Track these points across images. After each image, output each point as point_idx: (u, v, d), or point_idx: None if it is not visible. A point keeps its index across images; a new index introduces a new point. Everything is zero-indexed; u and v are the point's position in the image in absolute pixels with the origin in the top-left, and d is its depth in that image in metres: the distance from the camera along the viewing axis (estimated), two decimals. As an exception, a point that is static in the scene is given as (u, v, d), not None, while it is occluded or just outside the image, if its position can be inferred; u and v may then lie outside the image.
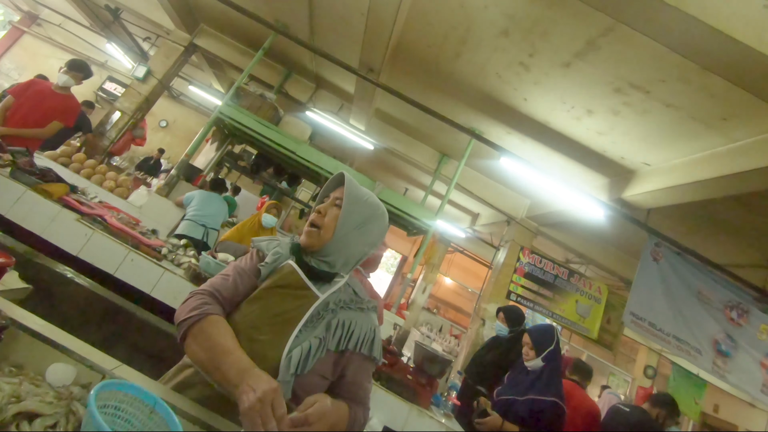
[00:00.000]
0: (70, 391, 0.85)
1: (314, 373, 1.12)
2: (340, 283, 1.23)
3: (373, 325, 1.24)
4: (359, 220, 1.25)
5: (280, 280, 1.20)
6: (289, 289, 1.19)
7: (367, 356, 1.21)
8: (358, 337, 1.18)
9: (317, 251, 1.23)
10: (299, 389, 1.09)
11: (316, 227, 1.23)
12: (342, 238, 1.22)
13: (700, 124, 3.36)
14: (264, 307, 1.16)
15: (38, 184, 2.36)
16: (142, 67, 6.38)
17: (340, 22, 4.60)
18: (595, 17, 2.84)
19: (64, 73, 3.77)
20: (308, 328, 1.15)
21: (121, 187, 3.63)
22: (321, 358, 1.12)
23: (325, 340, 1.14)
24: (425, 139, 6.40)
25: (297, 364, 1.07)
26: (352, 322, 1.19)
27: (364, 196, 1.28)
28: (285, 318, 1.14)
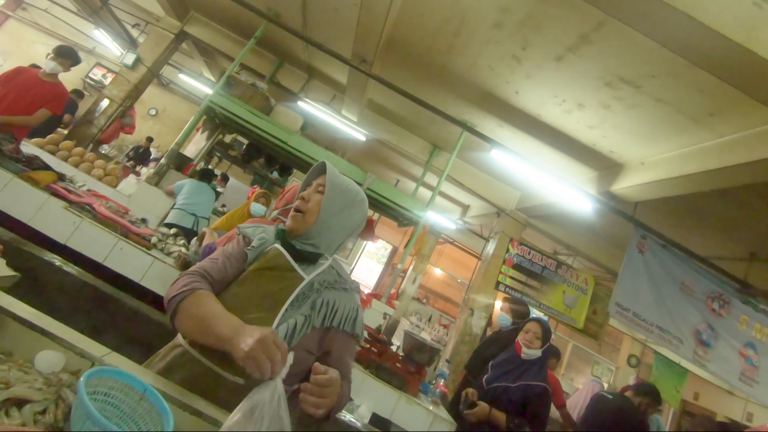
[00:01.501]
0: (60, 377, 0.86)
1: (300, 348, 1.17)
2: (324, 265, 1.30)
3: (355, 304, 1.31)
4: (341, 205, 1.31)
5: (268, 263, 1.26)
6: (276, 271, 1.25)
7: (350, 333, 1.28)
8: (342, 315, 1.25)
9: (302, 235, 1.30)
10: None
11: (300, 212, 1.30)
12: (325, 222, 1.29)
13: (688, 119, 3.41)
14: (252, 288, 1.22)
15: (25, 172, 2.33)
16: (131, 54, 6.27)
17: (333, 12, 4.55)
18: (587, 11, 2.85)
19: (51, 60, 3.70)
20: (294, 307, 1.21)
21: (110, 175, 3.59)
22: (306, 334, 1.19)
23: (311, 318, 1.20)
24: (417, 130, 6.40)
25: (283, 338, 1.11)
26: (336, 301, 1.26)
27: (345, 183, 1.35)
28: (273, 298, 1.20)
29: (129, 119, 6.95)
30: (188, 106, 11.15)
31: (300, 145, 4.28)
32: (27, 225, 2.20)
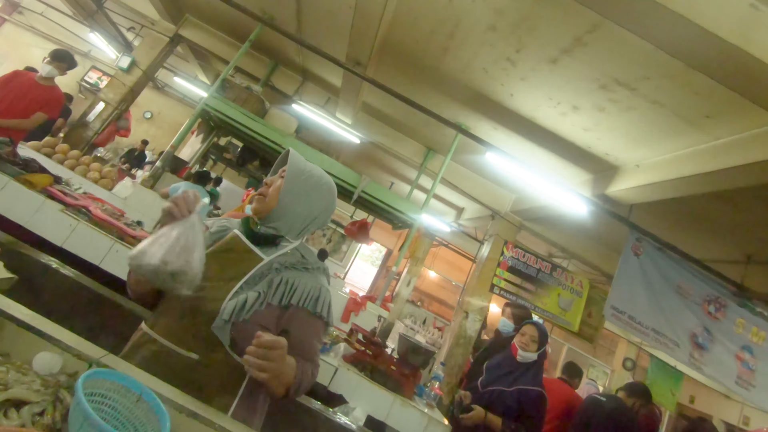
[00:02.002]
0: (57, 379, 0.86)
1: (254, 323, 1.18)
2: (287, 247, 1.32)
3: (319, 284, 1.31)
4: (302, 189, 1.34)
5: (224, 245, 1.31)
6: (232, 253, 1.29)
7: (312, 313, 1.27)
8: (302, 294, 1.25)
9: (264, 218, 1.33)
10: (239, 337, 1.17)
11: (262, 195, 1.33)
12: (285, 205, 1.32)
13: (683, 122, 3.43)
14: (207, 269, 1.22)
15: (21, 175, 2.33)
16: (126, 57, 6.27)
17: (327, 15, 4.57)
18: (582, 13, 2.87)
19: (47, 64, 3.71)
20: (250, 285, 1.22)
21: (106, 178, 3.57)
22: (261, 310, 1.19)
23: (266, 295, 1.21)
24: (412, 133, 6.41)
25: (231, 311, 1.15)
26: (296, 280, 1.27)
27: (309, 169, 1.39)
28: (228, 277, 1.23)
29: (124, 122, 6.94)
30: (183, 109, 11.13)
31: (294, 148, 4.27)
32: (24, 227, 2.20)
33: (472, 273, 6.76)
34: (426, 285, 12.30)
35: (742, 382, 4.21)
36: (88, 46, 9.82)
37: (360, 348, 2.66)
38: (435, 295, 12.44)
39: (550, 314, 5.86)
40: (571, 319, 5.91)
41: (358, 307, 3.61)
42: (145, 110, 10.96)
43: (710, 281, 4.39)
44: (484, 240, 6.80)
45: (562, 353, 9.71)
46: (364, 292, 11.33)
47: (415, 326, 6.75)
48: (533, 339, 2.66)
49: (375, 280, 12.78)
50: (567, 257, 7.42)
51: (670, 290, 4.22)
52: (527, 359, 2.64)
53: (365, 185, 4.25)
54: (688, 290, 4.28)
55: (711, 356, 4.22)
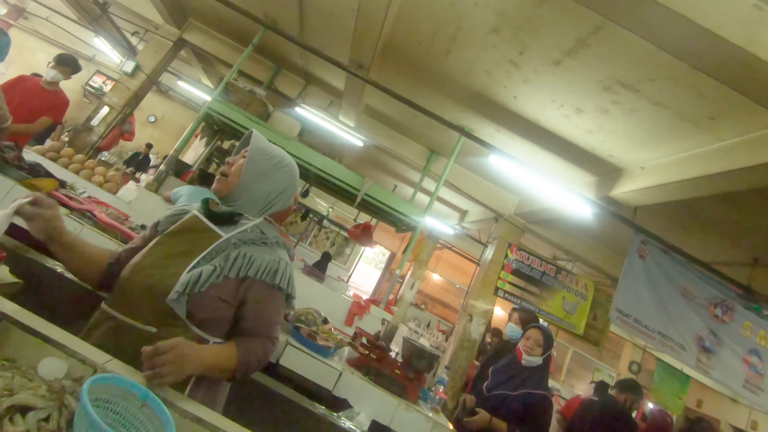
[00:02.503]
0: (63, 384, 0.86)
1: (210, 295, 1.20)
2: (246, 225, 1.33)
3: (278, 257, 1.32)
4: (263, 169, 1.36)
5: (181, 225, 1.33)
6: (190, 233, 1.31)
7: (271, 285, 1.28)
8: (260, 266, 1.26)
9: (225, 196, 1.35)
10: (195, 309, 1.19)
11: (224, 175, 1.35)
12: (246, 184, 1.34)
13: (688, 123, 3.42)
14: (165, 248, 1.28)
15: (27, 179, 2.34)
16: (130, 61, 6.30)
17: (329, 18, 4.58)
18: (585, 15, 2.87)
19: (52, 68, 3.73)
20: (207, 260, 1.24)
21: (110, 182, 3.58)
22: (218, 283, 1.21)
23: (222, 268, 1.22)
24: (415, 136, 6.41)
25: (185, 283, 1.16)
26: (254, 254, 1.28)
27: (269, 149, 1.41)
28: (186, 254, 1.24)
29: (128, 126, 6.98)
30: (187, 112, 11.18)
31: (297, 151, 4.28)
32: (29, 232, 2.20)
33: (476, 276, 6.74)
34: (430, 288, 12.28)
35: (750, 386, 4.17)
36: (92, 50, 9.90)
37: (364, 352, 2.65)
38: (439, 298, 12.41)
39: (554, 317, 5.83)
40: (576, 323, 5.87)
41: (362, 311, 3.60)
42: (149, 114, 11.02)
43: (716, 284, 4.34)
44: (487, 243, 6.79)
45: (567, 356, 9.66)
46: (368, 295, 11.31)
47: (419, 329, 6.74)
48: (538, 343, 2.65)
49: (379, 283, 12.77)
50: (571, 260, 7.39)
51: (676, 293, 4.18)
52: (532, 363, 2.63)
53: (368, 188, 4.24)
54: (694, 293, 4.24)
55: (718, 360, 4.17)
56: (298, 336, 2.36)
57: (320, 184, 5.21)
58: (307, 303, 3.31)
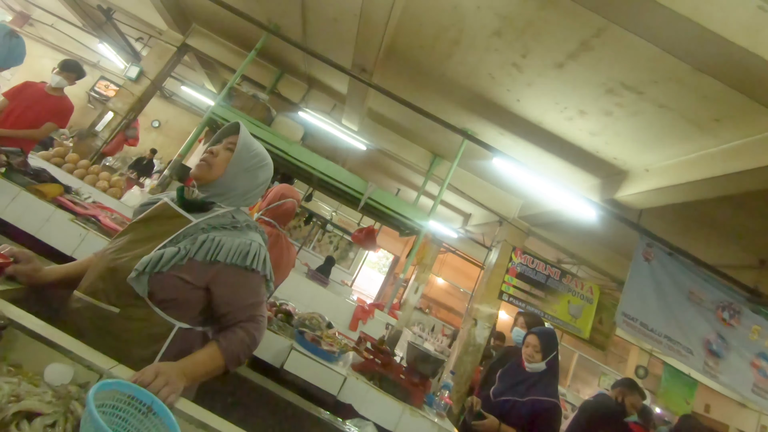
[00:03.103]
0: (69, 390, 0.86)
1: (172, 275, 1.20)
2: (218, 211, 1.34)
3: (249, 239, 1.31)
4: (247, 165, 1.37)
5: (151, 212, 1.34)
6: (159, 219, 1.32)
7: (242, 267, 1.28)
8: (229, 250, 1.26)
9: (204, 185, 1.35)
10: (156, 288, 1.19)
11: (206, 163, 1.34)
12: (231, 177, 1.35)
13: (692, 125, 3.40)
14: (133, 234, 1.29)
15: (32, 185, 2.35)
16: (134, 67, 6.35)
17: (332, 23, 4.60)
18: (588, 18, 2.86)
19: (56, 74, 3.76)
20: (173, 243, 1.24)
21: (115, 187, 3.59)
22: (181, 264, 1.21)
23: (188, 250, 1.22)
24: (418, 139, 6.42)
25: (146, 263, 1.17)
26: (223, 238, 1.27)
27: (255, 147, 1.42)
28: (152, 238, 1.25)
29: (132, 131, 7.02)
30: (190, 117, 11.25)
31: (301, 155, 4.30)
32: (34, 237, 2.22)
33: (481, 280, 6.71)
34: (434, 292, 12.25)
35: (759, 391, 4.12)
36: (97, 56, 9.97)
37: (369, 357, 2.64)
38: (443, 302, 12.37)
39: (560, 321, 5.79)
40: (582, 326, 5.84)
41: (366, 315, 3.59)
42: (153, 119, 11.09)
43: (723, 287, 4.30)
44: (491, 246, 6.77)
45: (573, 360, 9.58)
46: (372, 300, 11.29)
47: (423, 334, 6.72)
48: (536, 349, 2.62)
49: (382, 287, 12.75)
50: (576, 263, 7.36)
51: (682, 296, 4.15)
52: (536, 369, 2.60)
53: (372, 192, 4.24)
54: (701, 296, 4.20)
55: (726, 364, 4.12)
56: (303, 341, 2.35)
57: (323, 188, 5.22)
58: (311, 307, 3.30)
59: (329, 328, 2.69)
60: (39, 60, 9.97)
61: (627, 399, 3.18)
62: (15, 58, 2.87)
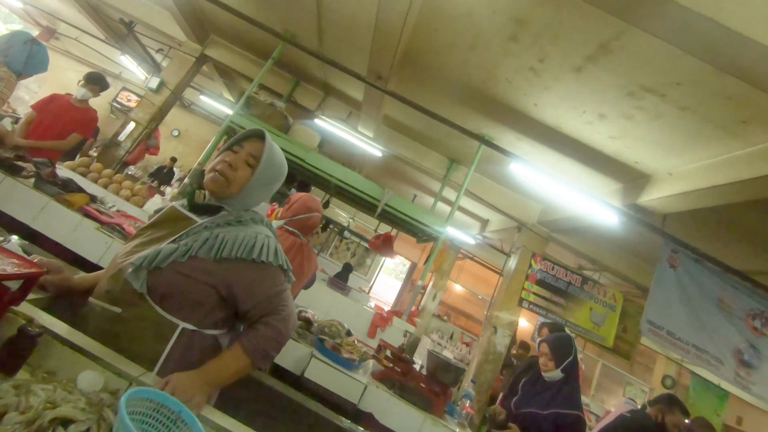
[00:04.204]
0: (101, 397, 0.87)
1: (174, 270, 1.18)
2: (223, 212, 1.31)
3: (254, 232, 1.28)
4: (267, 181, 1.35)
5: (159, 217, 1.35)
6: (166, 222, 1.31)
7: (251, 261, 1.24)
8: (233, 245, 1.22)
9: (221, 196, 1.31)
10: (158, 284, 1.18)
11: (224, 178, 1.29)
12: (248, 194, 1.32)
13: (717, 128, 3.32)
14: (142, 237, 1.30)
15: (60, 195, 2.41)
16: (155, 78, 6.51)
17: (347, 31, 4.64)
18: (606, 20, 2.83)
19: (82, 87, 3.88)
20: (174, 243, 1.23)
21: (137, 195, 3.67)
22: (182, 261, 1.19)
23: (186, 246, 1.20)
24: (434, 145, 6.40)
25: (143, 258, 1.17)
26: (227, 234, 1.25)
27: (278, 158, 1.36)
28: (158, 240, 1.25)
29: (154, 141, 7.16)
30: (209, 126, 11.45)
31: (318, 163, 4.32)
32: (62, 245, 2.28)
33: (500, 286, 6.63)
34: (452, 299, 12.15)
35: (795, 402, 3.96)
36: (119, 68, 10.25)
37: (388, 365, 2.62)
38: (461, 309, 12.25)
39: (582, 329, 5.67)
40: (605, 335, 5.69)
41: (385, 322, 3.57)
42: (173, 128, 11.32)
43: (754, 294, 4.13)
44: (510, 252, 6.68)
45: (596, 370, 9.35)
46: (389, 307, 11.25)
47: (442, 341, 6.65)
48: (548, 357, 2.56)
49: (400, 294, 12.70)
50: (598, 270, 7.21)
51: (711, 304, 4.01)
52: (554, 378, 2.54)
53: (389, 199, 4.24)
54: (730, 304, 4.05)
55: (759, 374, 3.95)
56: (323, 348, 2.35)
57: (341, 195, 5.23)
58: (329, 315, 3.31)
59: (348, 336, 2.68)
60: (64, 72, 10.30)
61: (667, 418, 2.96)
62: (36, 66, 2.92)
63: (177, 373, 1.09)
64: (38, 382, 0.84)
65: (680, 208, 4.05)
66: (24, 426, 0.73)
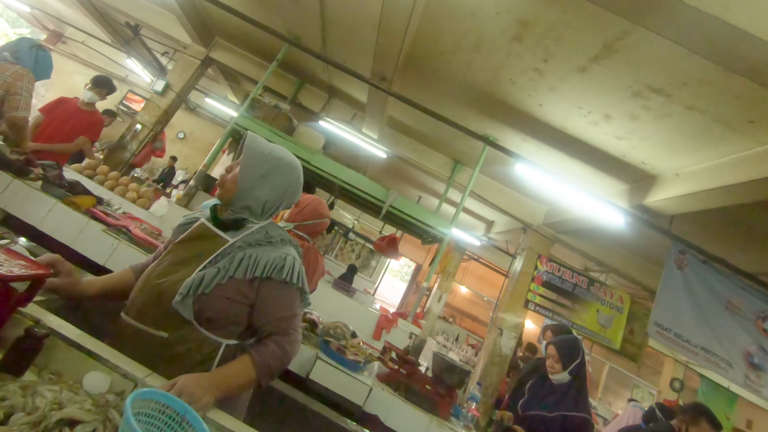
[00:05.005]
0: (106, 398, 0.87)
1: (218, 295, 1.23)
2: (252, 228, 1.35)
3: (283, 254, 1.32)
4: (261, 172, 1.36)
5: (189, 234, 1.36)
6: (198, 240, 1.33)
7: (278, 281, 1.29)
8: (266, 264, 1.28)
9: (228, 203, 1.37)
10: (202, 310, 1.22)
11: (221, 183, 1.37)
12: (245, 189, 1.34)
13: (725, 128, 3.29)
14: (174, 255, 1.31)
15: (67, 197, 2.43)
16: (160, 81, 6.55)
17: (351, 33, 4.65)
18: (611, 20, 2.81)
19: (89, 90, 3.91)
20: (212, 264, 1.26)
21: (143, 198, 3.69)
22: (223, 284, 1.23)
23: (225, 269, 1.24)
24: (438, 146, 6.39)
25: (189, 286, 1.19)
26: (259, 254, 1.29)
27: (267, 150, 1.39)
28: (193, 260, 1.27)
29: (159, 143, 7.21)
30: (214, 128, 11.51)
31: (322, 164, 4.33)
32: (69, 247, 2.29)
33: (505, 288, 6.59)
34: (457, 300, 12.11)
35: (807, 406, 3.90)
36: (125, 71, 10.33)
37: (393, 367, 2.61)
38: (467, 310, 12.22)
39: (589, 331, 5.62)
40: (612, 337, 5.64)
41: (390, 324, 3.56)
42: (178, 131, 11.38)
43: (763, 296, 4.08)
44: (516, 254, 6.65)
45: (603, 372, 9.27)
46: (394, 308, 11.24)
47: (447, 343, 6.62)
48: (555, 359, 2.54)
49: (405, 296, 12.69)
50: (604, 271, 7.16)
51: (719, 306, 3.96)
52: (561, 381, 2.52)
53: (393, 200, 4.23)
54: (739, 306, 4.00)
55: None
56: (328, 350, 2.35)
57: (345, 196, 5.23)
58: (335, 317, 3.30)
59: (353, 338, 2.67)
60: (71, 76, 10.39)
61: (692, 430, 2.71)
62: (41, 71, 2.96)
63: (184, 374, 1.09)
64: (45, 383, 0.84)
65: (688, 209, 4.02)
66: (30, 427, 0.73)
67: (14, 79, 2.52)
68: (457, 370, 2.56)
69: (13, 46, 2.76)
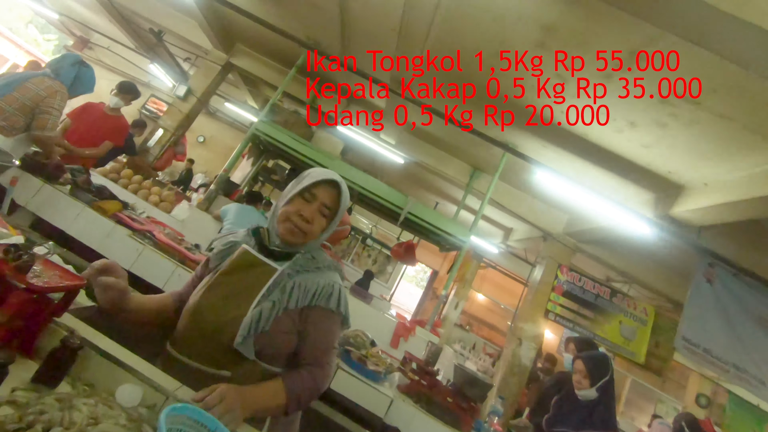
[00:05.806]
0: (139, 412, 0.86)
1: (277, 331, 1.21)
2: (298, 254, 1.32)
3: (330, 280, 1.31)
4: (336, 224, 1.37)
5: (236, 263, 1.32)
6: (245, 269, 1.30)
7: (325, 308, 1.28)
8: (314, 293, 1.27)
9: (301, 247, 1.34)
10: (264, 347, 1.20)
11: (302, 232, 1.30)
12: (320, 240, 1.36)
13: (757, 136, 3.17)
14: (223, 288, 1.26)
15: (95, 201, 2.47)
16: (182, 86, 6.67)
17: (371, 38, 4.65)
18: (638, 27, 2.74)
19: (114, 96, 3.99)
20: (266, 296, 1.23)
21: (165, 201, 3.74)
22: (279, 317, 1.21)
23: (280, 302, 1.22)
24: (457, 153, 6.35)
25: (248, 326, 1.16)
26: (308, 282, 1.28)
27: (347, 199, 1.38)
28: (246, 294, 1.24)
29: (181, 147, 7.31)
30: (234, 133, 11.66)
31: (340, 170, 4.33)
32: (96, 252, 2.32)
33: (525, 297, 6.49)
34: (474, 308, 11.98)
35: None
36: (148, 76, 10.56)
37: (414, 378, 2.57)
38: (484, 318, 12.07)
39: (611, 343, 5.47)
40: (636, 350, 5.48)
41: (407, 332, 3.52)
42: (198, 135, 11.56)
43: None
44: (536, 262, 6.54)
45: (626, 386, 9.01)
46: (410, 314, 11.17)
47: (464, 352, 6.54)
48: (583, 375, 2.48)
49: (421, 302, 12.60)
50: (627, 282, 6.98)
51: (751, 321, 3.81)
52: (588, 397, 2.46)
53: (411, 207, 4.21)
54: (773, 321, 3.85)
55: None
56: (349, 360, 2.32)
57: (363, 202, 5.23)
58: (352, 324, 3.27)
59: (373, 346, 2.64)
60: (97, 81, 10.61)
61: None
62: (83, 86, 3.03)
63: (225, 384, 1.07)
64: (79, 395, 0.83)
65: (717, 221, 3.88)
66: (66, 442, 0.73)
67: (47, 94, 2.56)
68: (479, 383, 2.51)
69: (57, 62, 2.83)
